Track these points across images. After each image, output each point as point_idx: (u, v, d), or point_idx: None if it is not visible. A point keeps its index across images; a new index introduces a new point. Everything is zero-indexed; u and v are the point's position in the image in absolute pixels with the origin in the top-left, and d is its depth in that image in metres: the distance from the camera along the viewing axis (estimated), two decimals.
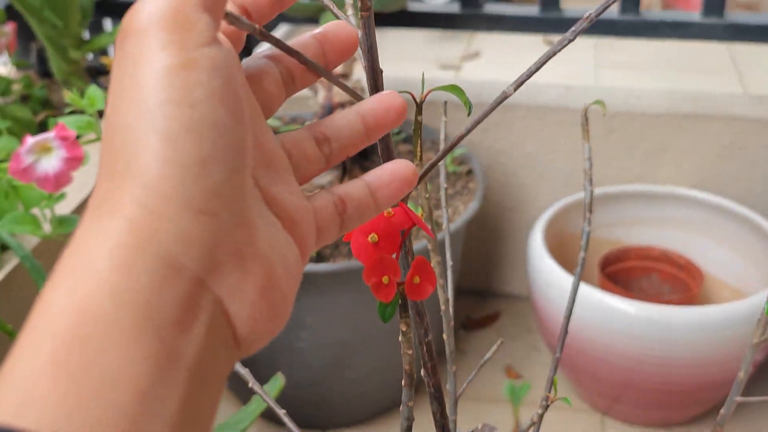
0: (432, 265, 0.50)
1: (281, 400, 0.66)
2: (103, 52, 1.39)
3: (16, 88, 1.28)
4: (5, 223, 0.84)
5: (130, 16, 0.26)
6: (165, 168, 0.25)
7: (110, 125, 0.26)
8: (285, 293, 0.29)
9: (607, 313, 1.02)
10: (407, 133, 1.23)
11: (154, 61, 0.26)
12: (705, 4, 1.17)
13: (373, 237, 0.36)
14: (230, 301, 0.26)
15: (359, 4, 0.36)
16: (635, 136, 1.23)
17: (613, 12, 1.21)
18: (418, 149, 0.41)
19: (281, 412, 0.55)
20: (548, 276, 1.08)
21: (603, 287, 1.17)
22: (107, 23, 1.44)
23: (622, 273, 1.25)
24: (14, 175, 0.80)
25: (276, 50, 0.33)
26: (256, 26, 0.31)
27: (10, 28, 1.27)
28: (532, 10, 1.22)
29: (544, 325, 1.13)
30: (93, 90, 0.86)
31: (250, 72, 0.32)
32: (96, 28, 1.38)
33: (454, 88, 0.42)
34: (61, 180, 0.81)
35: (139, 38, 0.26)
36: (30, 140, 0.80)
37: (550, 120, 1.24)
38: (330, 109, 1.09)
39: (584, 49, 1.40)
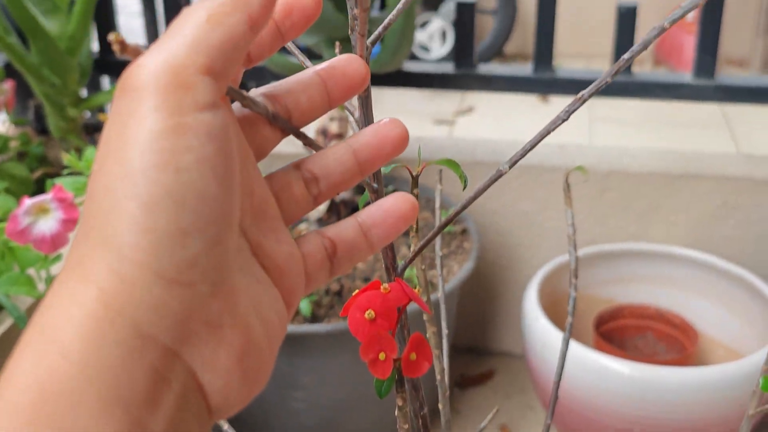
0: (428, 336, 0.51)
1: None
2: (101, 109, 1.40)
3: (14, 145, 1.28)
4: (1, 284, 0.84)
5: (129, 73, 0.26)
6: (140, 237, 0.24)
7: (94, 184, 0.26)
8: (264, 358, 0.28)
9: (601, 373, 1.02)
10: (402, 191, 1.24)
11: (145, 123, 0.25)
12: (696, 66, 1.19)
13: (369, 314, 0.36)
14: (203, 371, 0.26)
15: None
16: (630, 195, 1.24)
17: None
18: (415, 223, 0.42)
19: None
20: (543, 337, 1.08)
21: (598, 347, 1.17)
22: (105, 81, 1.46)
23: (617, 331, 1.25)
24: (11, 237, 0.80)
25: (272, 89, 0.32)
26: (269, 109, 0.31)
27: (8, 85, 1.28)
28: (526, 70, 1.24)
29: (539, 386, 1.13)
30: (91, 152, 0.87)
31: (245, 114, 0.31)
32: (94, 86, 1.39)
33: (450, 163, 0.42)
34: (57, 241, 0.81)
35: (134, 97, 0.25)
36: (27, 202, 0.80)
37: (544, 180, 1.25)
38: None
39: None
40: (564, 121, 0.38)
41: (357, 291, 0.37)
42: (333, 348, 0.97)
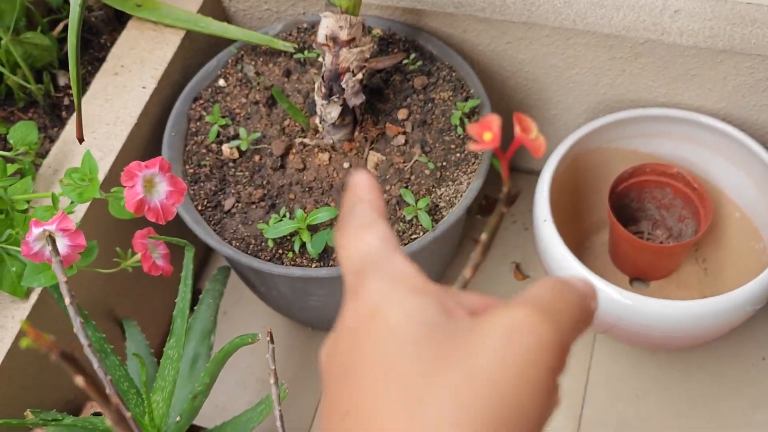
0: None
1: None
2: None
3: None
4: (28, 274, 0.92)
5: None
6: None
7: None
8: None
9: (609, 301, 1.07)
10: (422, 61, 1.19)
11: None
12: None
13: None
14: None
15: None
16: (666, 62, 1.17)
17: None
18: None
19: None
20: (547, 241, 1.12)
21: (609, 216, 1.20)
22: None
23: (636, 185, 1.27)
24: (27, 257, 0.87)
25: None
26: None
27: None
28: None
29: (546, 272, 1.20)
30: (88, 158, 0.88)
31: None
32: None
33: None
34: (69, 259, 0.88)
35: None
36: (35, 230, 0.85)
37: (574, 42, 1.18)
38: (337, 75, 1.07)
39: None
40: None
41: None
42: (339, 282, 1.05)
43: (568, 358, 0.30)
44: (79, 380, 0.31)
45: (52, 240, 0.45)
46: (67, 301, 0.38)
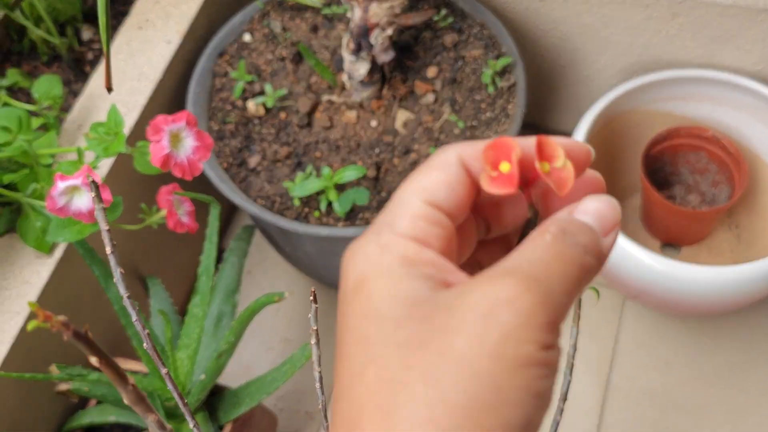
0: None
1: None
2: None
3: None
4: (53, 229, 0.91)
5: None
6: None
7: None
8: None
9: (638, 266, 1.05)
10: (453, 18, 1.16)
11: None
12: None
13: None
14: None
15: None
16: (703, 22, 1.13)
17: None
18: None
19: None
20: None
21: (642, 180, 1.17)
22: None
23: (670, 149, 1.24)
24: (53, 212, 0.86)
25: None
26: None
27: None
28: None
29: None
30: (113, 112, 0.87)
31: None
32: None
33: None
34: (94, 215, 0.86)
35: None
36: (60, 185, 0.84)
37: (610, 0, 1.14)
38: (366, 30, 1.04)
39: None
40: None
41: None
42: None
43: (560, 326, 0.28)
44: (94, 360, 0.30)
45: (95, 185, 0.43)
46: (108, 250, 0.37)
